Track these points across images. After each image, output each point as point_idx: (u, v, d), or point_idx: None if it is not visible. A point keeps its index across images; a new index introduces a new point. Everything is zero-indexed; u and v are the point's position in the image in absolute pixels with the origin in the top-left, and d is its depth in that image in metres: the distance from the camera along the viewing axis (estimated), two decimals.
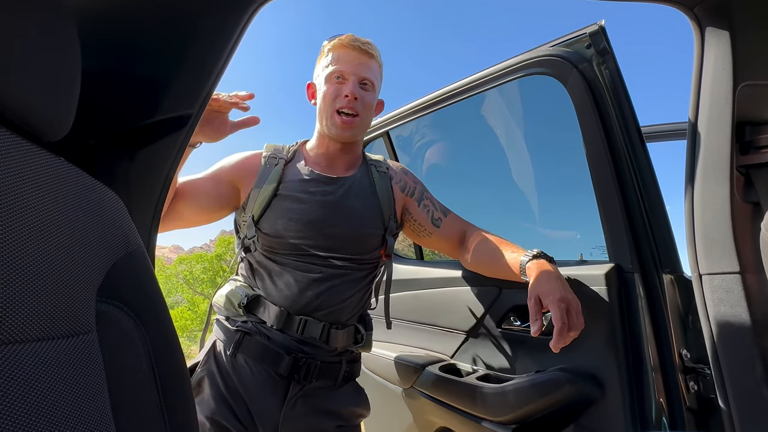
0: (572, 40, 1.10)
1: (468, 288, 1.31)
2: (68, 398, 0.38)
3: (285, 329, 1.02)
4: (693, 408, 0.94)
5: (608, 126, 1.03)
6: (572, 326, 0.84)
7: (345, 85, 1.08)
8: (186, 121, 0.68)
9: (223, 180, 1.12)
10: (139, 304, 0.51)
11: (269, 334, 1.03)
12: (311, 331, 1.02)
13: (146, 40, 0.64)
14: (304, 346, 1.03)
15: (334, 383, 1.07)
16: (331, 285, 1.05)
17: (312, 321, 1.03)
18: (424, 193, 1.21)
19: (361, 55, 1.10)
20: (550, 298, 0.86)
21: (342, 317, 1.07)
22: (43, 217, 0.40)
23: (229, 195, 1.12)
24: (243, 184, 1.12)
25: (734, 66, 0.75)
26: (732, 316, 0.78)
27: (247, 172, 1.13)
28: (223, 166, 1.14)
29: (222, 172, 1.13)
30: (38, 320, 0.37)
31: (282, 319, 1.02)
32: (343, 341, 1.06)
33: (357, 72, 1.09)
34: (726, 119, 0.77)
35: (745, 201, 0.79)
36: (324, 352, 1.05)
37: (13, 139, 0.40)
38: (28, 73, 0.42)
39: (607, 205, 1.05)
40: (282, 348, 1.02)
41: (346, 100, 1.08)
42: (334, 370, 1.07)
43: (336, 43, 1.11)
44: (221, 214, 1.14)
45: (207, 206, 1.10)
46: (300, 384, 1.02)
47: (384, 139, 1.78)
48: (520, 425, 1.06)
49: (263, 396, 1.00)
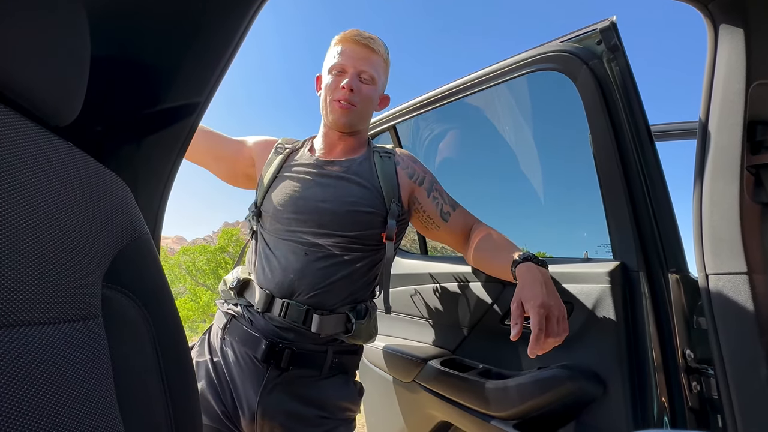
0: (583, 36, 1.09)
1: (472, 284, 1.30)
2: (74, 382, 0.38)
3: (268, 312, 1.03)
4: (695, 408, 0.93)
5: (617, 123, 1.02)
6: (551, 333, 0.83)
7: (344, 78, 1.12)
8: (194, 109, 0.68)
9: (245, 145, 1.29)
10: (144, 291, 0.51)
11: (252, 318, 1.04)
12: (293, 316, 1.01)
13: (155, 27, 0.63)
14: (285, 331, 1.02)
15: (318, 373, 1.04)
16: (317, 267, 1.03)
17: (294, 305, 1.01)
18: (433, 184, 1.20)
19: (363, 49, 1.13)
20: (530, 303, 0.85)
21: (327, 301, 1.03)
22: (50, 199, 0.40)
23: (244, 160, 1.28)
24: (257, 162, 1.26)
25: (747, 64, 0.74)
26: (738, 317, 0.77)
27: (263, 151, 1.25)
28: (248, 138, 1.31)
29: (245, 141, 1.30)
30: (44, 303, 0.37)
31: (266, 302, 1.02)
32: (329, 328, 1.02)
33: (357, 66, 1.13)
34: (737, 118, 0.76)
35: (754, 201, 0.78)
36: (307, 338, 1.03)
37: (21, 121, 0.40)
38: (37, 57, 0.42)
39: (613, 202, 1.04)
40: (261, 332, 1.02)
41: (343, 92, 1.11)
42: (318, 360, 1.04)
43: (341, 38, 1.15)
44: (225, 169, 1.30)
45: (218, 151, 1.27)
46: (278, 370, 1.01)
47: (390, 132, 1.77)
48: (521, 421, 1.06)
49: (244, 380, 1.01)
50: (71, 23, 0.46)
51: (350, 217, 1.07)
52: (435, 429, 1.37)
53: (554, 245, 1.00)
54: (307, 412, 1.02)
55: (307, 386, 1.03)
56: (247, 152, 1.27)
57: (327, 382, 1.06)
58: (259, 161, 1.24)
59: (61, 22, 0.44)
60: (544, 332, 0.83)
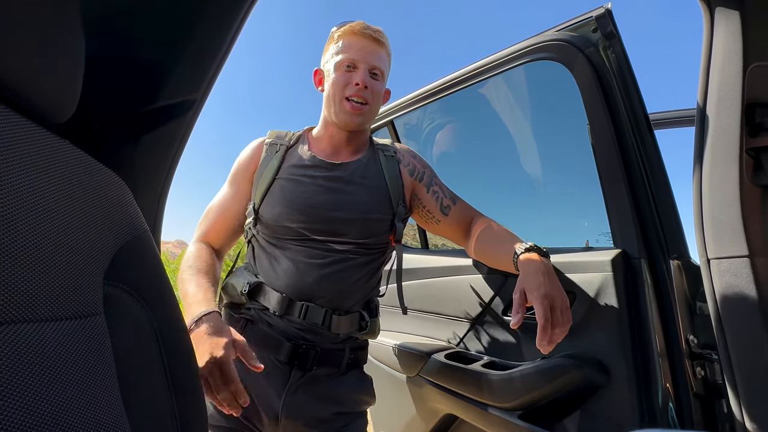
0: (578, 24, 1.08)
1: (474, 276, 1.30)
2: (77, 379, 0.38)
3: (286, 315, 1.02)
4: (699, 394, 0.94)
5: (615, 110, 1.02)
6: (556, 323, 0.82)
7: (355, 74, 1.07)
8: (191, 106, 0.68)
9: (241, 186, 1.15)
10: (146, 288, 0.51)
11: (271, 321, 1.03)
12: (313, 317, 1.02)
13: (150, 24, 0.63)
14: (306, 332, 1.03)
15: (337, 370, 1.06)
16: (334, 270, 1.04)
17: (313, 307, 1.02)
18: (433, 179, 1.20)
19: (372, 43, 1.09)
20: (534, 294, 0.84)
21: (345, 303, 1.05)
22: (48, 196, 0.40)
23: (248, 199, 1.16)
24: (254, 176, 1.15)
25: (744, 46, 0.74)
26: (740, 300, 0.77)
27: (254, 164, 1.15)
28: (237, 170, 1.17)
29: (237, 178, 1.16)
30: (44, 300, 0.37)
31: (283, 305, 1.02)
32: (346, 327, 1.05)
33: (368, 60, 1.08)
34: (735, 101, 0.76)
35: (754, 184, 0.78)
36: (326, 338, 1.04)
37: (17, 118, 0.39)
38: (32, 54, 0.42)
39: (613, 190, 1.04)
40: (282, 335, 1.02)
41: (357, 89, 1.06)
42: (337, 357, 1.06)
43: (346, 30, 1.10)
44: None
45: (237, 222, 1.15)
46: (301, 371, 1.02)
47: (389, 128, 1.77)
48: (526, 411, 1.06)
49: (265, 383, 1.01)
50: (66, 20, 0.46)
51: (361, 224, 1.06)
52: (440, 422, 1.37)
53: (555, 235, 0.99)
54: (326, 410, 1.03)
55: (327, 384, 1.05)
56: (249, 186, 1.15)
57: (344, 378, 1.08)
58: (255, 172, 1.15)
59: (55, 19, 0.44)
60: (550, 323, 0.82)
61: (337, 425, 1.05)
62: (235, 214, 1.14)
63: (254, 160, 1.15)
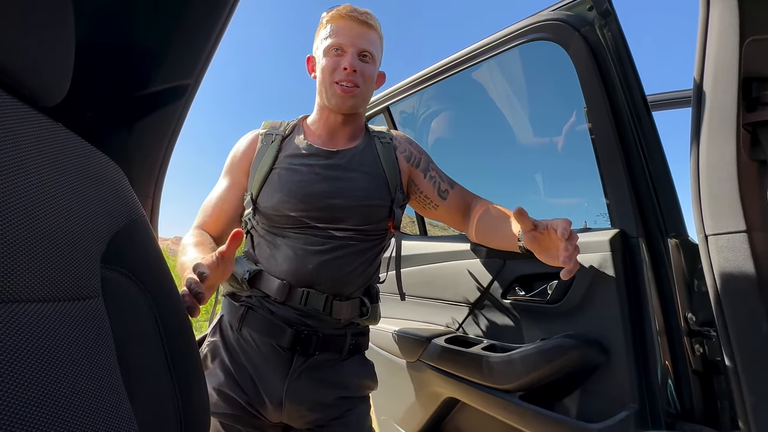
0: (574, 2, 1.07)
1: (472, 261, 1.31)
2: (77, 359, 0.38)
3: (288, 302, 1.03)
4: (698, 371, 0.94)
5: (611, 89, 1.01)
6: (572, 237, 0.81)
7: (344, 58, 1.07)
8: (184, 91, 0.67)
9: (237, 178, 1.14)
10: (144, 272, 0.51)
11: (272, 307, 1.04)
12: (314, 303, 1.02)
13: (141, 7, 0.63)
14: (307, 318, 1.03)
15: (339, 355, 1.07)
16: (334, 257, 1.04)
17: (314, 293, 1.02)
18: (429, 164, 1.20)
19: (360, 26, 1.08)
20: (556, 221, 0.83)
21: (346, 289, 1.06)
22: (42, 178, 0.40)
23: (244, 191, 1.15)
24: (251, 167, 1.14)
25: (741, 20, 0.73)
26: (738, 276, 0.78)
27: (250, 155, 1.14)
28: (232, 162, 1.16)
29: (233, 170, 1.15)
30: (41, 281, 0.37)
31: (284, 291, 1.02)
32: (347, 313, 1.06)
33: (356, 44, 1.07)
34: (732, 75, 0.75)
35: (751, 159, 0.78)
36: (328, 324, 1.05)
37: (9, 100, 0.39)
38: (22, 35, 0.41)
39: (610, 170, 1.04)
40: (284, 321, 1.02)
41: (345, 73, 1.06)
42: (338, 343, 1.07)
43: (334, 14, 1.09)
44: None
45: (235, 213, 1.13)
46: (304, 356, 1.03)
47: (384, 115, 1.76)
48: (526, 392, 1.07)
49: (268, 369, 1.01)
50: (55, 1, 0.45)
51: (360, 211, 1.07)
52: (441, 406, 1.38)
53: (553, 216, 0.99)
54: (332, 393, 1.05)
55: (330, 370, 1.06)
56: (243, 184, 1.14)
57: (347, 363, 1.09)
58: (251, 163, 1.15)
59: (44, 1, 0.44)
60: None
61: (340, 410, 1.06)
62: (233, 205, 1.14)
63: (250, 152, 1.15)
